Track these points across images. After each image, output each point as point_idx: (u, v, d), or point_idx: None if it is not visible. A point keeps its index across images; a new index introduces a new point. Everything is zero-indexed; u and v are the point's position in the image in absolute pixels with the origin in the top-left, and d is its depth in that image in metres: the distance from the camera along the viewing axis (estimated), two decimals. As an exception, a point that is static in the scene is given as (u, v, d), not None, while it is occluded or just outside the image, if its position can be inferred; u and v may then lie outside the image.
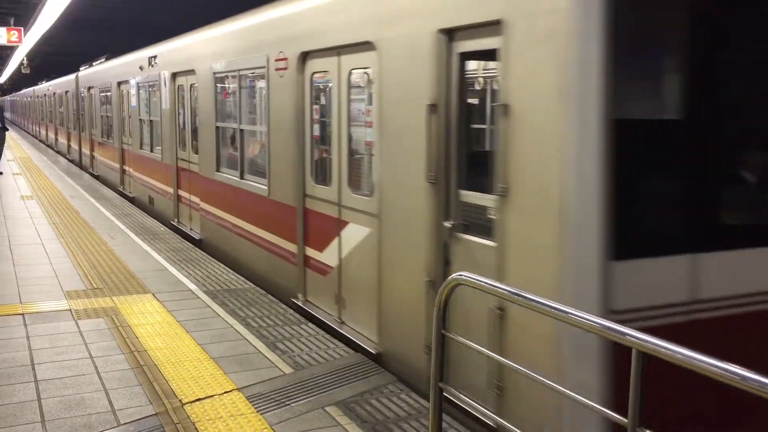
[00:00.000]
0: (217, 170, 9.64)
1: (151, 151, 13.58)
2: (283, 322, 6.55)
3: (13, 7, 22.57)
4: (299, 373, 5.33)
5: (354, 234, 6.12)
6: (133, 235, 10.74)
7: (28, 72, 40.34)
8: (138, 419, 4.51)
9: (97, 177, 19.91)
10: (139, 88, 14.33)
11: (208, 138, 9.93)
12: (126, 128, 16.10)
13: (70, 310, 6.85)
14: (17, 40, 22.48)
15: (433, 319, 3.69)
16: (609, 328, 2.83)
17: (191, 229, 11.24)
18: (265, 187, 7.88)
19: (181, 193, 11.79)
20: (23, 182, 17.67)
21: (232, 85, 9.38)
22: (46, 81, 36.43)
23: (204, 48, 10.02)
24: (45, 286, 7.70)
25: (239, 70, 8.70)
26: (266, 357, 5.65)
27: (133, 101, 14.80)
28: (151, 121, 13.57)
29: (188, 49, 10.90)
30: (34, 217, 12.31)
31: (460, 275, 3.59)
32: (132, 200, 15.11)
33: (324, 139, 6.87)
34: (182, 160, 11.57)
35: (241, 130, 8.81)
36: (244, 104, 8.92)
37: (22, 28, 22.74)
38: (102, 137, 19.26)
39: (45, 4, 19.23)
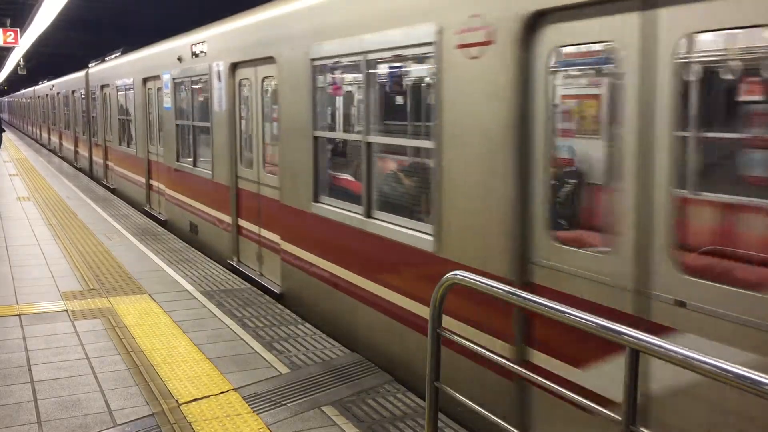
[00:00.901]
0: (316, 200, 6.73)
1: (195, 165, 10.62)
2: (280, 323, 6.55)
3: (9, 8, 22.54)
4: (296, 373, 5.33)
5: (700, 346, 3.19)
6: (129, 236, 10.73)
7: (25, 73, 40.26)
8: (134, 420, 4.51)
9: (113, 190, 16.97)
10: (175, 86, 11.33)
11: (298, 153, 6.95)
12: (155, 135, 13.06)
13: (67, 311, 6.85)
14: (14, 41, 22.44)
15: (429, 318, 3.69)
16: (604, 327, 2.83)
17: (261, 275, 8.31)
18: (429, 238, 4.98)
19: (245, 224, 8.76)
20: (20, 183, 17.65)
21: (351, 77, 6.72)
22: (48, 80, 34.13)
23: (293, 24, 7.05)
24: (41, 287, 7.70)
25: (368, 52, 5.71)
26: (263, 357, 5.65)
27: (167, 102, 11.78)
28: (194, 127, 10.59)
29: (262, 29, 7.88)
30: (31, 218, 12.30)
31: (455, 274, 3.59)
32: (164, 224, 12.28)
33: (588, 164, 4.06)
34: (246, 180, 8.62)
35: (368, 144, 5.85)
36: (374, 104, 5.90)
37: (18, 29, 22.70)
38: (120, 145, 16.12)
39: (41, 5, 19.19)
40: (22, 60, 36.94)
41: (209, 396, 4.86)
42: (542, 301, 3.21)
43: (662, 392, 3.38)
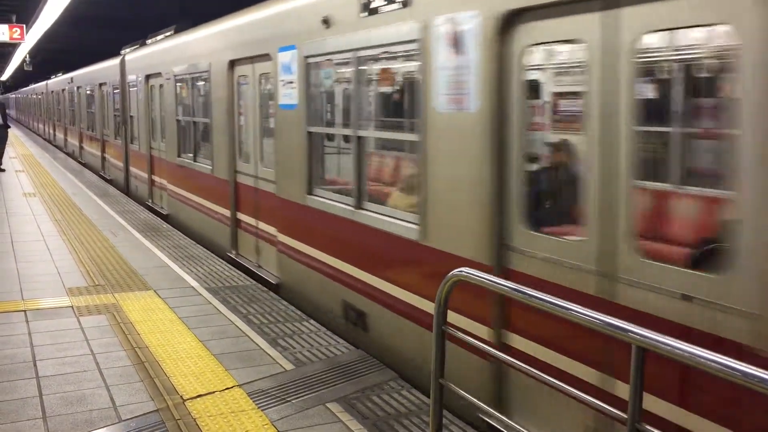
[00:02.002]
0: None
1: (360, 207, 6.00)
2: (285, 319, 6.55)
3: (15, 4, 22.59)
4: (300, 370, 5.33)
5: None
6: (135, 232, 10.74)
7: (31, 69, 40.36)
8: (139, 415, 4.52)
9: (165, 217, 12.41)
10: (310, 68, 6.76)
11: None
12: (254, 147, 8.44)
13: (72, 306, 6.86)
14: (20, 37, 22.48)
15: (434, 315, 3.68)
16: (610, 325, 2.82)
17: None
18: None
19: (536, 350, 4.19)
20: (26, 179, 17.69)
21: None
22: (63, 73, 30.22)
23: None
24: (47, 283, 7.71)
25: None
26: (267, 353, 5.65)
27: (287, 95, 7.15)
28: (359, 139, 6.03)
29: None
30: (37, 214, 12.32)
31: (461, 271, 3.58)
32: (276, 288, 7.66)
33: None
34: (542, 261, 4.11)
35: None
36: None
37: (24, 25, 22.76)
38: (180, 157, 11.41)
39: (47, 1, 19.22)
40: (28, 56, 37.04)
41: (214, 392, 4.87)
42: (547, 298, 3.20)
43: None
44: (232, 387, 4.96)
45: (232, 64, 8.83)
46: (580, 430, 3.85)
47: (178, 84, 11.43)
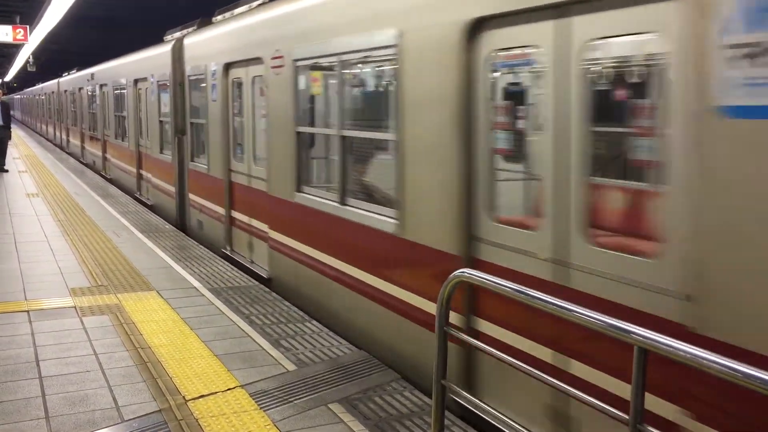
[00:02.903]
0: None
1: None
2: (287, 320, 6.56)
3: (18, 5, 22.65)
4: (303, 370, 5.33)
5: None
6: (137, 233, 10.76)
7: (34, 70, 40.46)
8: (141, 415, 4.52)
9: (268, 282, 8.04)
10: None
11: None
12: (569, 201, 3.78)
13: (75, 307, 6.87)
14: (23, 38, 22.54)
15: (436, 316, 3.68)
16: (611, 326, 2.82)
17: None
18: None
19: None
20: (29, 180, 17.72)
21: None
22: (78, 70, 25.95)
23: None
24: (50, 283, 7.72)
25: None
26: (270, 354, 5.66)
27: None
28: None
29: None
30: (40, 214, 12.34)
31: (462, 272, 3.59)
32: None
33: None
34: None
35: None
36: None
37: (28, 26, 22.81)
38: (302, 192, 7.11)
39: (50, 2, 19.26)
40: (31, 57, 37.13)
41: (216, 392, 4.87)
42: (551, 300, 3.20)
43: None
44: (234, 387, 4.97)
45: (476, 28, 4.42)
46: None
47: (302, 74, 7.17)
